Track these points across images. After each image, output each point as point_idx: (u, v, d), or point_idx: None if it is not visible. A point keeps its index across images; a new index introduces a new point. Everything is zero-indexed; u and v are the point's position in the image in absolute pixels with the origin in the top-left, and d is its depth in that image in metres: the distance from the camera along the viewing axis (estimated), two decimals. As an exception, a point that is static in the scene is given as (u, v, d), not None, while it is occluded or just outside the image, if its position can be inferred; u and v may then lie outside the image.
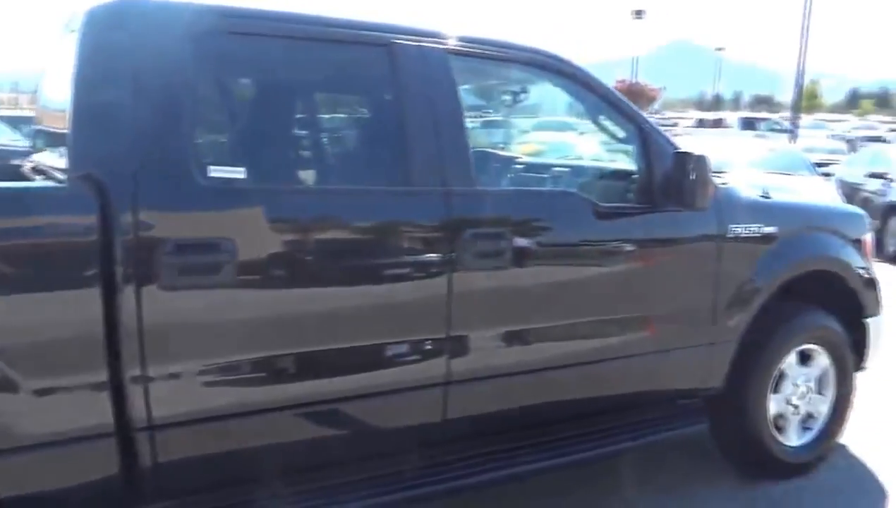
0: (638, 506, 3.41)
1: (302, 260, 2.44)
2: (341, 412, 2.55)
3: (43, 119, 2.95)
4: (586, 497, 3.44)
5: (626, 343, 3.15)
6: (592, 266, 3.03)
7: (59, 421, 2.13)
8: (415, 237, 2.64)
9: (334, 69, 2.80)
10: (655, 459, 3.65)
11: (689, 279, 3.32)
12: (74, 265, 2.12)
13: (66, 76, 2.39)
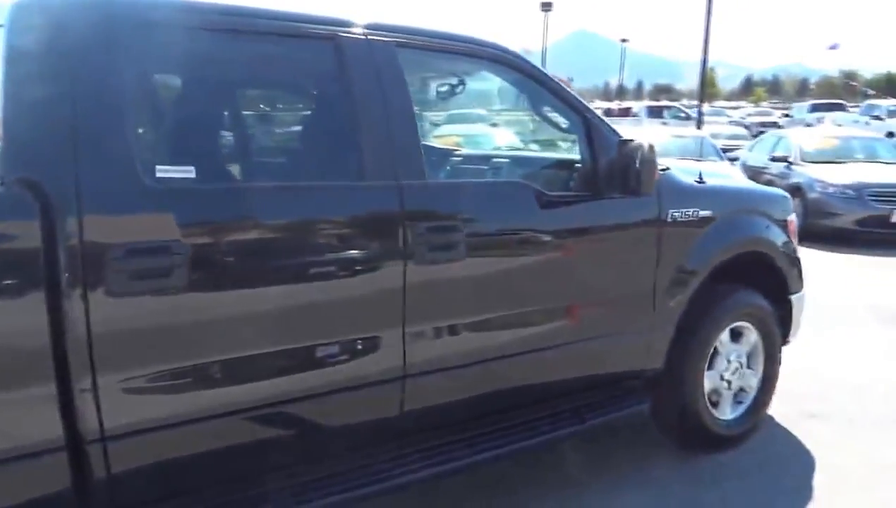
0: (590, 490, 3.50)
1: (254, 260, 2.38)
2: (299, 411, 2.52)
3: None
4: (536, 491, 3.51)
5: (574, 328, 3.22)
6: (542, 254, 3.07)
7: (3, 437, 2.03)
8: (370, 232, 2.62)
9: (278, 63, 2.74)
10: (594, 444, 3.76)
11: (632, 263, 3.41)
12: (14, 272, 2.01)
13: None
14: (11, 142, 2.08)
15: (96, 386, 2.12)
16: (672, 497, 3.46)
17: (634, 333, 3.46)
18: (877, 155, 12.31)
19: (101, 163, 2.12)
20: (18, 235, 2.01)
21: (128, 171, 2.16)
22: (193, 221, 2.26)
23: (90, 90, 2.15)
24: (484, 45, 3.09)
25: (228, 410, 2.36)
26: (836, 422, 4.34)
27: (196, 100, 2.68)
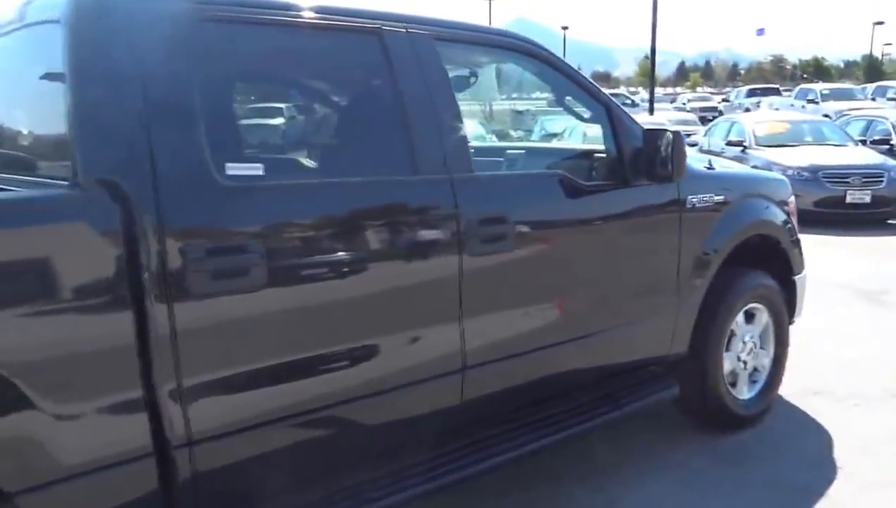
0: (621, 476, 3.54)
1: (320, 255, 2.35)
2: (369, 408, 2.51)
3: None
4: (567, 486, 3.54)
5: (613, 314, 3.27)
6: (582, 242, 3.12)
7: (94, 446, 1.97)
8: (427, 226, 2.61)
9: (332, 59, 2.71)
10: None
11: (658, 249, 3.47)
12: (99, 275, 1.95)
13: (39, 73, 2.21)
14: (87, 144, 2.01)
15: (181, 389, 2.07)
16: (699, 476, 3.52)
17: (663, 318, 3.52)
18: (825, 137, 12.70)
19: (176, 162, 2.07)
20: (102, 238, 1.96)
21: (201, 170, 2.12)
22: (264, 217, 2.23)
23: (161, 89, 2.09)
24: (514, 37, 3.10)
25: (305, 409, 2.34)
26: (838, 397, 4.47)
27: (258, 96, 2.63)
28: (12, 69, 2.45)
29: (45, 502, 1.90)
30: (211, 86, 2.25)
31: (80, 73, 2.05)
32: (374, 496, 2.50)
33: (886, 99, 26.56)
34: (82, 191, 1.98)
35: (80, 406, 1.94)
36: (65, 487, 1.92)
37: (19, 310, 1.83)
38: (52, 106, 2.14)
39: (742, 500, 3.31)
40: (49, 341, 1.88)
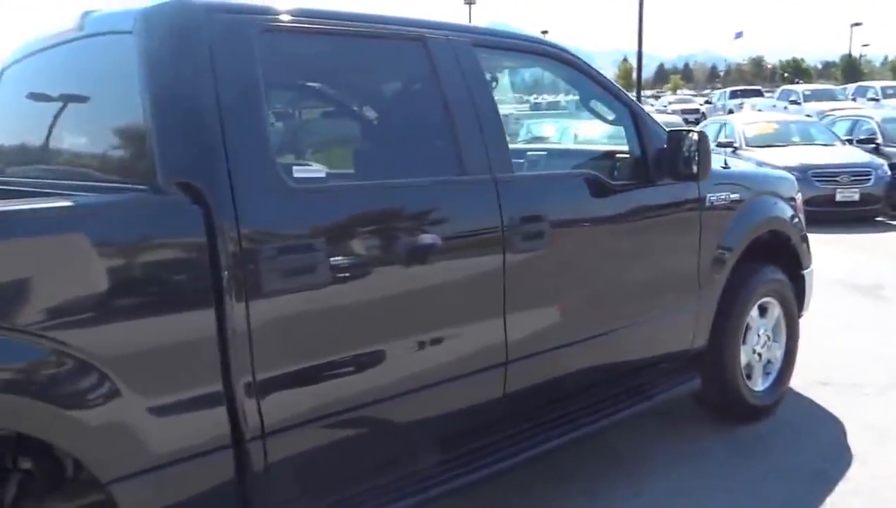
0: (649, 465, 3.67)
1: (385, 253, 2.46)
2: (436, 395, 2.62)
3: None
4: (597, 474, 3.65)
5: (641, 309, 3.39)
6: (614, 239, 3.24)
7: (179, 438, 2.06)
8: (474, 224, 2.72)
9: (390, 65, 2.82)
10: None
11: (681, 245, 3.60)
12: (184, 274, 2.06)
13: (110, 82, 2.30)
14: (167, 150, 2.10)
15: (256, 384, 2.17)
16: (721, 465, 3.65)
17: (685, 312, 3.65)
18: (813, 137, 12.94)
19: (249, 166, 2.17)
20: (186, 239, 2.06)
21: (272, 173, 2.22)
22: (328, 218, 2.34)
23: (231, 96, 2.19)
24: (544, 43, 3.23)
25: (370, 400, 2.44)
26: (845, 387, 4.63)
27: (315, 102, 2.73)
28: (81, 78, 2.54)
29: (134, 490, 1.99)
30: (274, 92, 2.35)
31: (155, 82, 2.14)
32: (428, 484, 2.60)
33: (867, 99, 26.95)
34: (165, 194, 2.07)
35: (168, 399, 2.03)
36: (152, 477, 2.01)
37: (113, 307, 1.93)
38: (126, 113, 2.25)
39: (765, 487, 3.44)
40: (138, 336, 1.97)
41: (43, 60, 2.74)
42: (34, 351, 1.82)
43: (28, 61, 2.87)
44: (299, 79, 2.71)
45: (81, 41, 2.47)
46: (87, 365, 1.87)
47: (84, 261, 1.90)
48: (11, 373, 1.79)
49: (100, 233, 1.93)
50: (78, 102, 2.58)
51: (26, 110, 2.88)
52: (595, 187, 3.17)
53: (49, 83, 2.74)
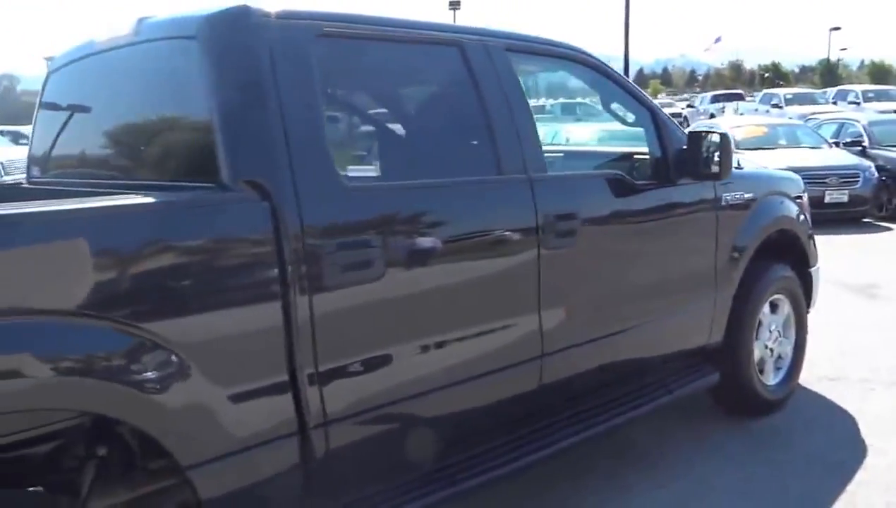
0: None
1: (430, 250, 2.54)
2: (479, 386, 2.70)
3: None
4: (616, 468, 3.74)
5: (663, 305, 3.49)
6: (639, 236, 3.36)
7: (253, 426, 2.14)
8: (512, 222, 2.80)
9: (431, 69, 2.91)
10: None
11: (699, 243, 3.71)
12: (255, 268, 2.14)
13: (173, 84, 2.37)
14: (234, 149, 2.18)
15: (318, 374, 2.25)
16: (740, 457, 3.75)
17: (704, 308, 3.75)
18: (799, 140, 13.15)
19: (309, 165, 2.25)
20: (255, 234, 2.14)
21: (330, 172, 2.30)
22: (380, 214, 2.42)
23: (292, 98, 2.27)
24: (571, 48, 3.32)
25: (421, 391, 2.54)
26: (852, 382, 4.75)
27: (364, 104, 2.81)
28: (142, 81, 2.59)
29: (211, 475, 2.06)
30: (327, 94, 2.42)
31: (221, 85, 2.22)
32: (472, 473, 2.69)
33: (847, 102, 27.32)
34: (233, 192, 2.14)
35: (242, 387, 2.12)
36: (227, 462, 2.09)
37: (189, 297, 2.01)
38: (189, 114, 2.32)
39: (785, 478, 3.54)
40: (214, 326, 2.06)
41: (97, 64, 2.80)
42: (125, 340, 1.90)
43: (79, 65, 2.93)
44: (349, 82, 2.78)
45: (140, 45, 2.53)
46: (172, 354, 1.96)
47: (164, 255, 1.98)
48: (105, 362, 1.88)
49: (177, 228, 2.02)
50: (139, 104, 2.64)
51: (84, 112, 2.94)
52: (621, 187, 3.26)
53: (107, 86, 2.79)
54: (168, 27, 2.47)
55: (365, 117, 2.77)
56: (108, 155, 2.81)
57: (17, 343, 1.76)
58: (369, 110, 2.85)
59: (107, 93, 2.82)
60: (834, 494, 3.37)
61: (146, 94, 2.61)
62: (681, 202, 3.55)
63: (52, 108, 3.16)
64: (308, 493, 2.32)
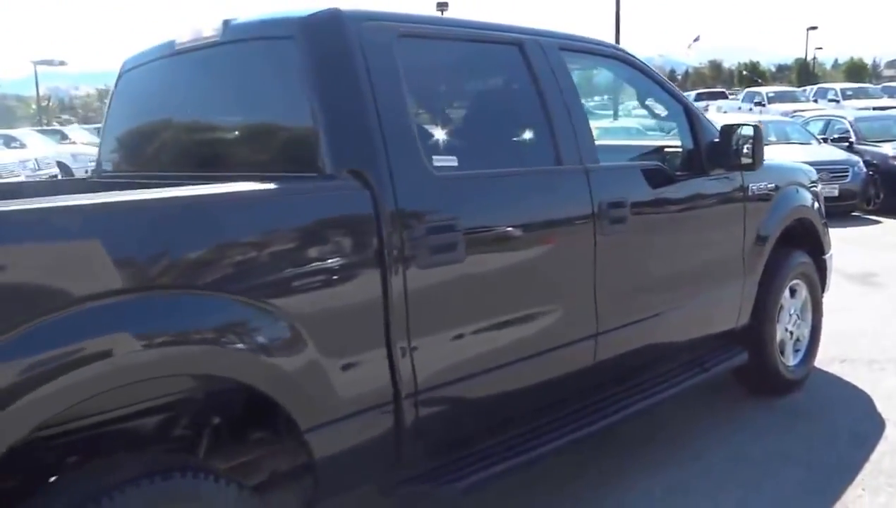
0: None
1: (505, 233, 2.75)
2: (545, 361, 2.92)
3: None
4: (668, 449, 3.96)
5: (700, 288, 3.72)
6: (679, 222, 3.59)
7: (359, 393, 2.34)
8: (572, 209, 3.01)
9: (495, 66, 3.11)
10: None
11: (731, 230, 3.94)
12: (358, 248, 2.33)
13: (272, 81, 2.56)
14: (337, 142, 2.37)
15: (411, 347, 2.44)
16: (770, 429, 4.00)
17: (734, 292, 3.98)
18: (789, 136, 13.47)
19: (402, 155, 2.45)
20: (359, 218, 2.34)
21: (419, 162, 2.50)
22: (461, 200, 2.63)
23: (384, 93, 2.46)
24: (613, 47, 3.57)
25: (497, 364, 2.74)
26: (861, 363, 5.00)
27: (440, 99, 3.01)
28: (234, 78, 2.77)
29: (325, 438, 2.26)
30: (411, 90, 2.61)
31: (321, 82, 2.41)
32: (541, 441, 2.90)
33: (828, 100, 27.85)
34: (337, 180, 2.33)
35: (350, 358, 2.31)
36: (337, 426, 2.29)
37: (306, 275, 2.20)
38: (287, 108, 2.51)
39: (815, 449, 3.79)
40: (325, 303, 2.25)
41: (179, 63, 2.97)
42: (255, 313, 2.09)
43: (157, 64, 3.10)
44: (426, 78, 2.96)
45: (230, 45, 2.71)
46: (291, 325, 2.15)
47: (282, 236, 2.18)
48: (240, 333, 2.07)
49: (293, 213, 2.22)
50: (230, 100, 2.82)
51: (165, 109, 3.11)
52: (661, 177, 3.48)
53: (191, 83, 2.97)
54: (261, 28, 2.65)
55: (441, 111, 2.96)
56: (194, 149, 2.98)
57: (172, 315, 1.95)
58: (443, 104, 3.04)
59: (191, 91, 2.99)
60: (861, 461, 3.61)
61: (238, 91, 2.78)
62: (714, 192, 3.78)
63: (127, 107, 3.32)
64: (400, 457, 2.52)
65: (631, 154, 4.48)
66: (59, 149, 21.72)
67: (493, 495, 3.04)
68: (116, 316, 1.84)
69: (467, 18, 2.95)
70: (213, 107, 2.93)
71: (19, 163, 18.53)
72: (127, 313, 1.86)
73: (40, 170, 18.58)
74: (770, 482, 3.47)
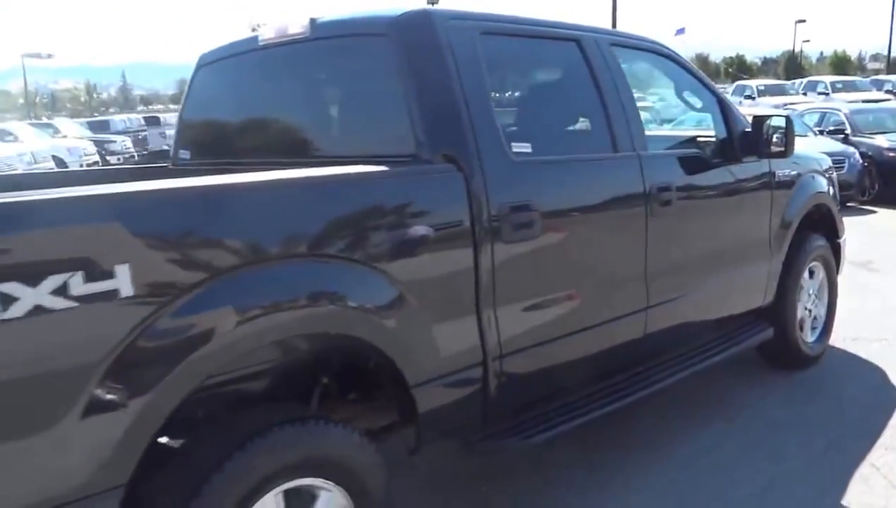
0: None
1: (574, 212, 3.04)
2: (603, 332, 3.21)
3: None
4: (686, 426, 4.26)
5: (734, 266, 4.01)
6: (718, 206, 3.89)
7: (454, 354, 2.62)
8: (627, 193, 3.29)
9: (559, 61, 3.38)
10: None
11: (760, 213, 4.23)
12: (453, 226, 2.60)
13: (368, 74, 2.82)
14: (432, 129, 2.64)
15: (496, 314, 2.71)
16: (797, 402, 4.31)
17: (762, 272, 4.28)
18: (784, 129, 13.78)
19: (488, 141, 2.71)
20: (453, 197, 2.61)
21: (501, 148, 2.77)
22: (537, 183, 2.90)
23: (470, 85, 2.73)
24: (657, 43, 3.84)
25: (566, 332, 3.02)
26: (871, 341, 5.31)
27: (519, 90, 3.29)
28: (328, 71, 3.03)
29: (429, 393, 2.53)
30: (495, 82, 2.88)
31: (416, 75, 2.67)
32: (597, 405, 3.19)
33: (817, 93, 28.27)
34: (435, 164, 2.60)
35: (448, 322, 2.59)
36: (438, 383, 2.56)
37: (410, 244, 2.47)
38: (382, 99, 2.76)
39: (838, 412, 4.13)
40: (428, 271, 2.52)
41: (262, 58, 3.22)
42: (375, 278, 2.36)
43: (238, 59, 3.35)
44: (503, 72, 3.23)
45: (318, 42, 2.96)
46: (402, 291, 2.42)
47: (392, 210, 2.46)
48: (362, 296, 2.34)
49: (401, 191, 2.50)
50: (322, 91, 3.07)
51: (249, 100, 3.36)
52: (701, 163, 3.78)
53: (278, 77, 3.22)
54: (352, 26, 2.91)
55: (515, 101, 3.23)
56: (283, 136, 3.24)
57: (317, 278, 2.23)
58: (516, 96, 3.31)
59: (278, 82, 3.24)
60: (881, 425, 3.94)
61: (330, 83, 3.04)
62: (746, 177, 4.07)
63: (206, 98, 3.56)
64: (485, 414, 2.79)
65: (667, 143, 4.76)
66: (53, 142, 21.83)
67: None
68: (275, 280, 2.10)
69: (536, 17, 3.21)
70: (304, 97, 3.18)
71: (17, 157, 18.63)
72: (283, 277, 2.13)
73: (36, 163, 18.73)
74: (797, 443, 3.78)
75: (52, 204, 1.79)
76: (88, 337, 1.78)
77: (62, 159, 20.06)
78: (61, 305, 1.72)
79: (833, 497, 3.29)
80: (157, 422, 1.91)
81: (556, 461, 3.60)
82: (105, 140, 24.61)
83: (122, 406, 1.83)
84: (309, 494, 2.26)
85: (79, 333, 1.77)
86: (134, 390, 1.85)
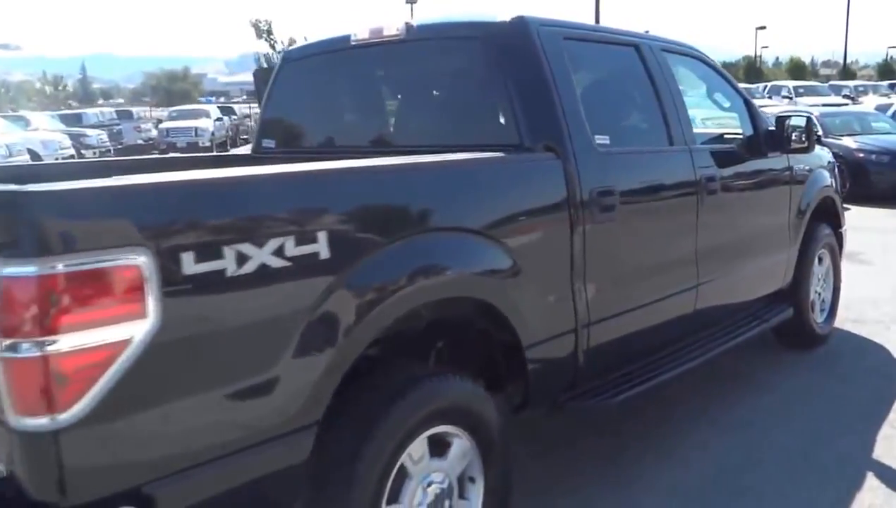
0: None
1: (647, 198, 3.43)
2: (666, 305, 3.60)
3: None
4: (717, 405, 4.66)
5: (763, 251, 4.43)
6: (752, 195, 4.32)
7: (554, 320, 2.98)
8: (682, 183, 3.68)
9: (623, 63, 3.75)
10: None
11: (781, 204, 4.66)
12: (553, 208, 2.96)
13: (464, 73, 3.16)
14: (534, 122, 3.00)
15: (585, 287, 3.07)
16: (817, 370, 4.76)
17: (782, 257, 4.71)
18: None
19: (578, 133, 3.07)
20: (554, 182, 2.96)
21: (588, 139, 3.13)
22: (618, 171, 3.27)
23: (560, 83, 3.09)
24: (693, 48, 4.24)
25: (639, 304, 3.40)
26: (872, 323, 5.79)
27: (594, 89, 3.64)
28: (426, 70, 3.35)
29: (540, 352, 2.88)
30: (577, 81, 3.23)
31: (516, 74, 3.02)
32: (663, 370, 3.57)
33: (781, 97, 29.20)
34: (538, 152, 2.95)
35: (550, 292, 2.95)
36: (545, 345, 2.91)
37: (523, 220, 2.83)
38: (481, 95, 3.11)
39: (856, 383, 4.60)
40: (534, 245, 2.88)
41: (356, 56, 3.53)
42: (494, 250, 2.69)
43: (327, 57, 3.66)
44: (581, 72, 3.59)
45: (414, 43, 3.29)
46: (516, 261, 2.75)
47: (506, 191, 2.81)
48: (485, 263, 2.68)
49: (515, 175, 2.86)
50: (418, 88, 3.40)
51: (346, 93, 3.68)
52: (736, 157, 4.19)
53: (371, 74, 3.55)
54: (451, 30, 3.25)
55: (593, 99, 3.58)
56: (378, 128, 3.57)
57: (448, 251, 2.56)
58: (593, 94, 3.68)
59: (370, 79, 3.56)
60: (891, 395, 4.39)
61: (430, 81, 3.37)
62: (771, 169, 4.50)
63: (293, 92, 3.86)
64: (575, 376, 3.15)
65: (701, 139, 5.17)
66: (26, 135, 21.28)
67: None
68: (431, 250, 2.44)
69: (603, 25, 3.59)
70: (402, 93, 3.51)
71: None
72: (437, 246, 2.48)
73: (12, 156, 18.44)
74: (824, 410, 4.22)
75: (272, 180, 2.12)
76: (297, 291, 2.09)
77: (37, 152, 19.60)
78: (279, 264, 2.04)
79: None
80: (346, 366, 2.22)
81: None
82: (79, 133, 24.26)
83: (321, 350, 2.14)
84: (445, 442, 2.58)
85: (290, 288, 2.08)
86: (330, 335, 2.16)
